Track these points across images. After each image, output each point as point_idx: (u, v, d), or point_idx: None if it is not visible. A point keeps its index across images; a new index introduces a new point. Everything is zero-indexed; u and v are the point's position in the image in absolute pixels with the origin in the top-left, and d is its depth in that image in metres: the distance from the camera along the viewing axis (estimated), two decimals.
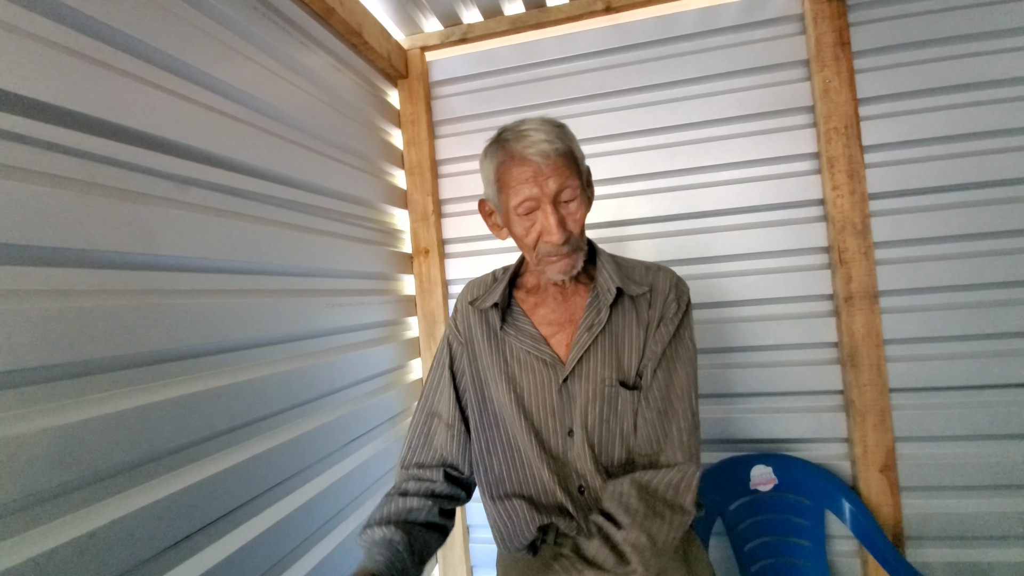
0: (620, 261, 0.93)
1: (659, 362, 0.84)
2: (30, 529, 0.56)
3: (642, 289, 0.87)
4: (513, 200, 0.79)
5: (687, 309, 0.88)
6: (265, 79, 1.03)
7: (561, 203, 0.79)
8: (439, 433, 0.92)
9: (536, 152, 0.76)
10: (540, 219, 0.79)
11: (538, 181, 0.77)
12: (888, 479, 1.33)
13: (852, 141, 1.35)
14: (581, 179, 0.81)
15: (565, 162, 0.78)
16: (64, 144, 0.63)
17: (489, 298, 0.92)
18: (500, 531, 0.88)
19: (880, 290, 1.34)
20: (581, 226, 0.82)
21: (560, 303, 0.90)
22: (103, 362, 0.65)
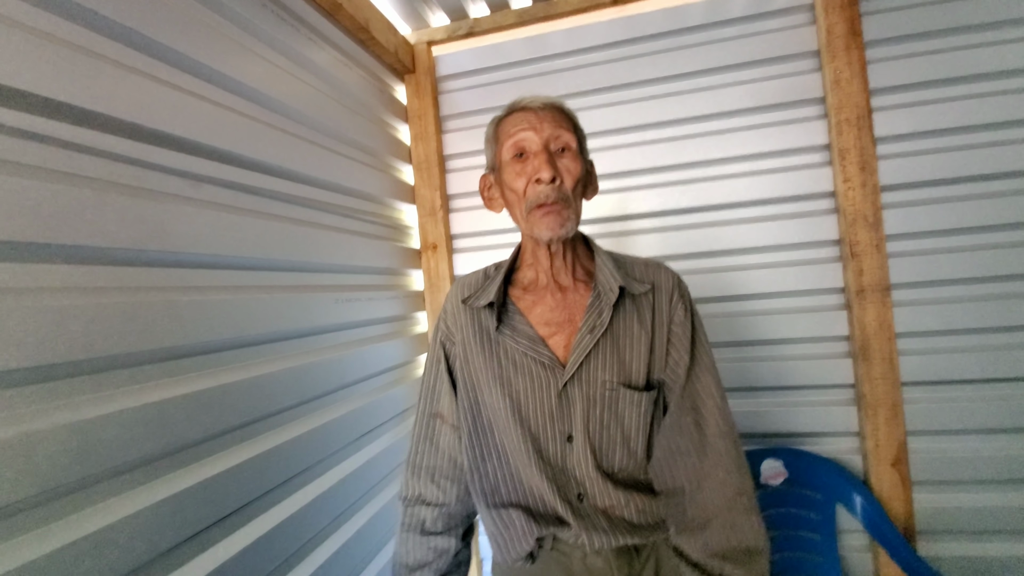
0: (618, 258, 0.90)
1: (688, 372, 0.83)
2: (49, 523, 0.57)
3: (644, 287, 0.84)
4: (507, 143, 0.82)
5: (694, 309, 0.87)
6: (274, 75, 1.04)
7: (555, 152, 0.80)
8: (444, 434, 0.90)
9: (534, 101, 0.82)
10: (531, 161, 0.80)
11: (533, 123, 0.80)
12: (900, 473, 1.32)
13: (864, 132, 1.34)
14: (578, 141, 0.83)
15: (562, 116, 0.82)
16: (79, 143, 0.63)
17: (483, 296, 0.87)
18: (496, 540, 0.84)
19: (892, 283, 1.33)
20: (574, 180, 0.80)
21: (559, 301, 0.85)
22: (120, 358, 0.65)
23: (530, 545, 0.80)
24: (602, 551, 0.79)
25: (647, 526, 0.80)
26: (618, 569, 0.79)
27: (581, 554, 0.80)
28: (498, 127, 0.85)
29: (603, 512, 0.80)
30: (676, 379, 0.83)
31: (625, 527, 0.79)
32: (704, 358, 0.85)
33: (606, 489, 0.80)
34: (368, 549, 1.19)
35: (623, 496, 0.80)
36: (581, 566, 0.80)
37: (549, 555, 0.82)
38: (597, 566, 0.79)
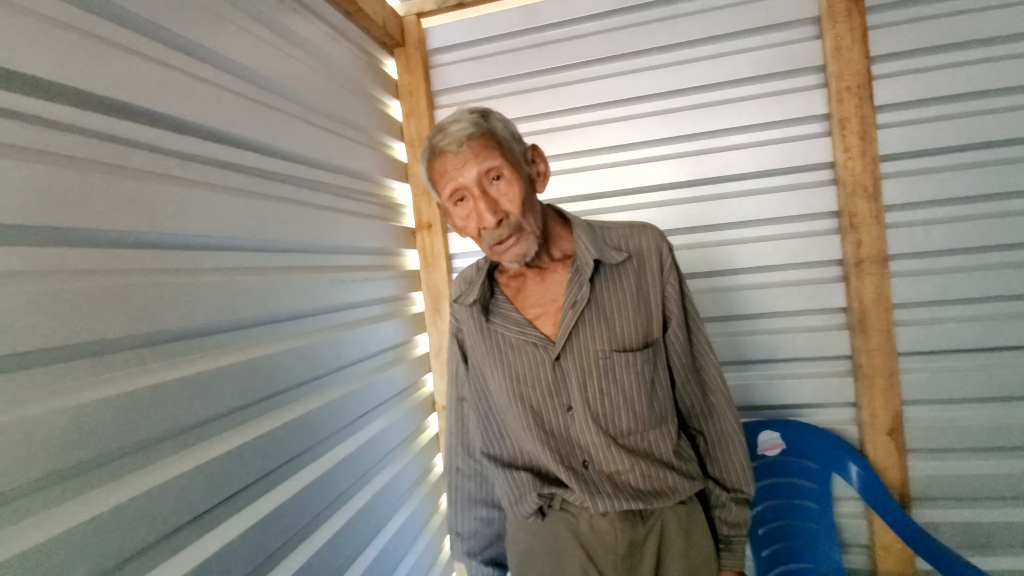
0: (597, 226, 0.91)
1: (684, 325, 0.90)
2: (49, 509, 0.56)
3: (622, 256, 0.86)
4: (443, 194, 0.81)
5: (679, 269, 0.91)
6: (260, 49, 1.00)
7: (490, 184, 0.78)
8: (472, 415, 0.99)
9: (450, 142, 0.78)
10: (471, 205, 0.79)
11: (458, 169, 0.77)
12: (895, 442, 1.34)
13: (864, 101, 1.32)
14: (508, 157, 0.79)
15: (482, 143, 0.78)
16: (62, 121, 0.61)
17: (470, 294, 0.92)
18: (508, 498, 0.91)
19: (890, 254, 1.33)
20: (519, 204, 0.78)
21: (540, 284, 0.89)
22: (114, 342, 0.64)
23: (535, 500, 0.86)
24: (608, 514, 0.83)
25: (652, 493, 0.83)
26: (622, 531, 0.83)
27: (587, 516, 0.85)
28: (428, 171, 0.83)
29: (608, 477, 0.84)
30: (677, 339, 0.89)
31: (630, 492, 0.83)
32: (694, 312, 0.93)
33: (611, 454, 0.84)
34: (370, 528, 1.20)
35: (628, 461, 0.84)
36: (587, 526, 0.85)
37: (558, 515, 0.87)
38: (602, 528, 0.84)
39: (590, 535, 0.84)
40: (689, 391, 0.92)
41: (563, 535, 0.86)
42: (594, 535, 0.84)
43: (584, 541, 0.85)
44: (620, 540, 0.83)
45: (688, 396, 0.92)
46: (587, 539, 0.85)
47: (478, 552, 1.01)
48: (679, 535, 0.85)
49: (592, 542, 0.84)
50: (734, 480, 0.91)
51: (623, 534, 0.83)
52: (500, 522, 1.02)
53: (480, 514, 1.01)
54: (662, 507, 0.85)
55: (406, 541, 1.35)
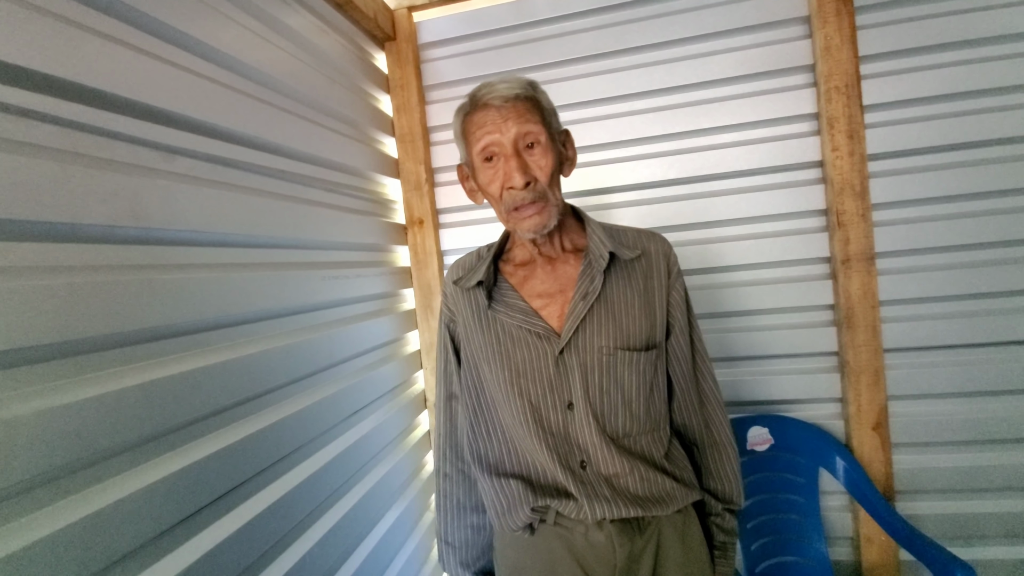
0: (609, 227, 0.91)
1: (687, 333, 0.90)
2: (34, 511, 0.55)
3: (635, 253, 0.86)
4: (475, 147, 0.79)
5: (682, 276, 0.91)
6: (248, 41, 0.98)
7: (524, 149, 0.78)
8: (461, 413, 0.95)
9: (495, 96, 0.77)
10: (502, 165, 0.78)
11: (497, 124, 0.77)
12: (880, 436, 1.36)
13: (852, 100, 1.33)
14: (548, 129, 0.80)
15: (527, 107, 0.78)
16: (39, 111, 0.59)
17: (473, 276, 0.89)
18: (495, 508, 0.87)
19: (877, 252, 1.35)
20: (548, 175, 0.79)
21: (550, 273, 0.87)
22: (99, 340, 0.62)
23: (526, 514, 0.82)
24: (604, 524, 0.80)
25: (650, 498, 0.81)
26: (620, 545, 0.79)
27: (583, 529, 0.81)
28: (464, 124, 0.82)
29: (606, 480, 0.81)
30: (679, 346, 0.88)
31: (628, 497, 0.80)
32: (695, 322, 0.92)
33: (610, 455, 0.81)
34: (362, 526, 1.19)
35: (627, 463, 0.81)
36: (583, 541, 0.81)
37: (551, 530, 0.83)
38: (599, 541, 0.80)
39: (586, 550, 0.80)
40: (687, 400, 0.91)
41: (557, 551, 0.82)
42: (591, 550, 0.80)
43: (580, 557, 0.80)
44: (619, 553, 0.79)
45: (686, 405, 0.91)
46: (583, 555, 0.80)
47: (471, 563, 0.97)
48: (676, 545, 0.82)
49: (588, 558, 0.80)
50: (728, 491, 0.91)
51: (622, 547, 0.79)
52: (491, 529, 0.97)
53: (471, 521, 0.96)
54: (659, 516, 0.82)
55: (397, 540, 1.34)
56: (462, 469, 0.97)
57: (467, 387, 0.92)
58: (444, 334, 0.96)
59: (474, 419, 0.91)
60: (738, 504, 0.92)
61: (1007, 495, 1.34)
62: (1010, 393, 1.33)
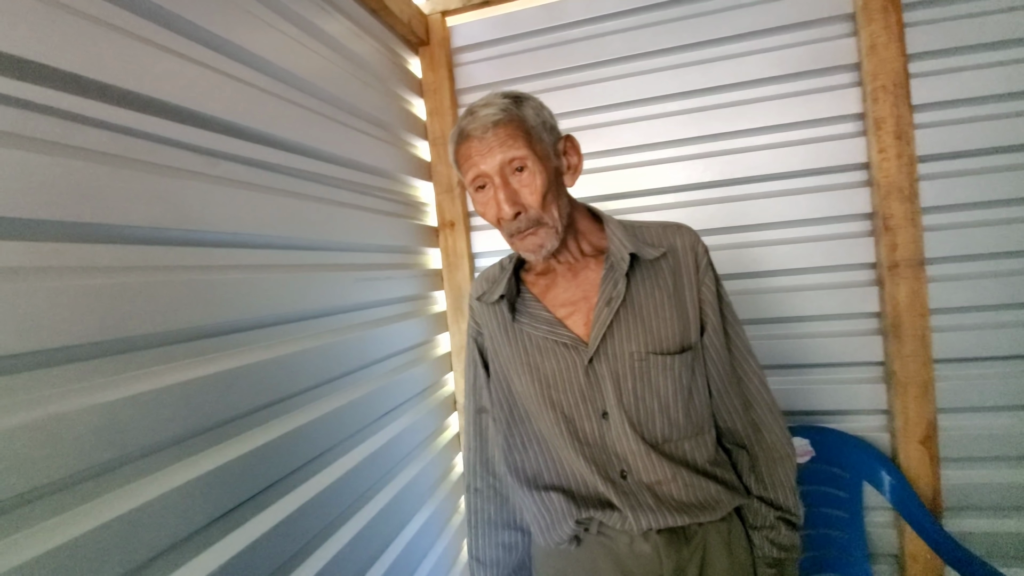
0: (630, 225, 0.88)
1: (721, 329, 0.85)
2: (81, 505, 0.56)
3: (659, 251, 0.82)
4: (466, 180, 0.79)
5: (716, 270, 0.87)
6: (287, 46, 1.00)
7: (512, 174, 0.76)
8: (491, 427, 0.93)
9: (477, 127, 0.76)
10: (492, 194, 0.77)
11: (481, 154, 0.75)
12: (928, 450, 1.30)
13: (900, 100, 1.28)
14: (535, 147, 0.76)
15: (510, 131, 0.75)
16: (93, 116, 0.61)
17: (496, 291, 0.88)
18: (538, 523, 0.84)
19: (927, 257, 1.29)
20: (540, 197, 0.76)
21: (571, 281, 0.85)
22: (143, 339, 0.64)
23: (571, 528, 0.80)
24: (650, 535, 0.77)
25: (696, 505, 0.78)
26: (666, 556, 0.77)
27: (628, 539, 0.79)
28: (455, 154, 0.81)
29: (649, 488, 0.78)
30: (714, 344, 0.84)
31: (673, 504, 0.77)
32: (733, 317, 0.87)
33: (650, 463, 0.78)
34: (393, 527, 1.19)
35: (669, 470, 0.78)
36: (628, 551, 0.79)
37: (595, 540, 0.81)
38: (645, 552, 0.78)
39: (631, 561, 0.78)
40: (728, 403, 0.85)
41: (601, 562, 0.80)
42: (636, 560, 0.78)
43: (625, 569, 0.78)
44: (666, 565, 0.77)
45: (727, 408, 0.85)
46: (628, 566, 0.78)
47: None
48: (722, 554, 0.80)
49: (634, 569, 0.78)
50: (783, 499, 0.84)
51: (668, 558, 0.77)
52: (523, 547, 0.95)
53: (502, 539, 0.94)
54: (706, 523, 0.79)
55: (427, 541, 1.34)
56: (493, 484, 0.95)
57: (498, 400, 0.91)
58: (472, 348, 0.96)
59: (508, 432, 0.90)
60: (796, 515, 0.84)
61: None
62: None
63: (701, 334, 0.84)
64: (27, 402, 0.52)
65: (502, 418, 0.90)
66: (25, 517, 0.51)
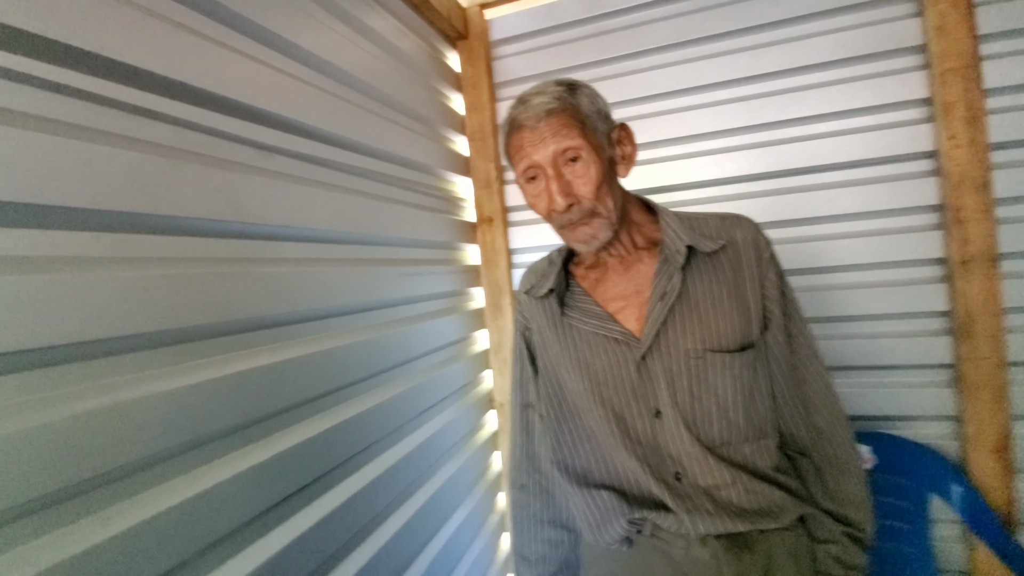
0: (687, 216, 0.84)
1: (784, 327, 0.79)
2: (142, 492, 0.57)
3: (717, 244, 0.78)
4: (518, 169, 0.76)
5: (780, 265, 0.81)
6: (334, 41, 1.00)
7: (566, 164, 0.73)
8: (538, 422, 0.92)
9: (530, 116, 0.73)
10: (544, 185, 0.74)
11: (534, 144, 0.73)
12: (1002, 460, 1.21)
13: (971, 84, 1.19)
14: (590, 137, 0.73)
15: (563, 120, 0.72)
16: (156, 110, 0.62)
17: (544, 285, 0.86)
18: (588, 521, 0.82)
19: (1001, 252, 1.20)
20: (593, 188, 0.73)
21: (622, 274, 0.82)
22: (201, 329, 0.65)
23: (623, 528, 0.77)
24: (708, 540, 0.73)
25: (758, 511, 0.74)
26: (727, 564, 0.72)
27: (684, 543, 0.75)
28: (506, 145, 0.79)
29: (706, 492, 0.75)
30: (777, 342, 0.79)
31: (733, 510, 0.73)
32: (797, 315, 0.82)
33: (707, 466, 0.74)
34: (433, 523, 1.19)
35: (728, 474, 0.74)
36: (684, 556, 0.75)
37: (648, 542, 0.78)
38: (703, 558, 0.74)
39: (688, 567, 0.74)
40: (791, 406, 0.81)
41: (656, 566, 0.76)
42: (693, 566, 0.74)
43: (681, 573, 0.75)
44: (725, 572, 0.72)
45: (789, 412, 0.81)
46: (685, 570, 0.75)
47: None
48: (788, 563, 0.75)
49: (690, 573, 0.74)
50: (850, 514, 0.78)
51: (728, 566, 0.72)
52: (569, 544, 0.92)
53: (548, 535, 0.92)
54: (769, 532, 0.75)
55: (466, 538, 1.33)
56: (539, 481, 0.93)
57: (547, 396, 0.89)
58: (520, 343, 0.94)
59: (557, 428, 0.88)
60: (866, 531, 0.78)
61: None
62: None
63: (763, 332, 0.79)
64: (96, 388, 0.53)
65: (551, 414, 0.88)
66: (95, 501, 0.52)
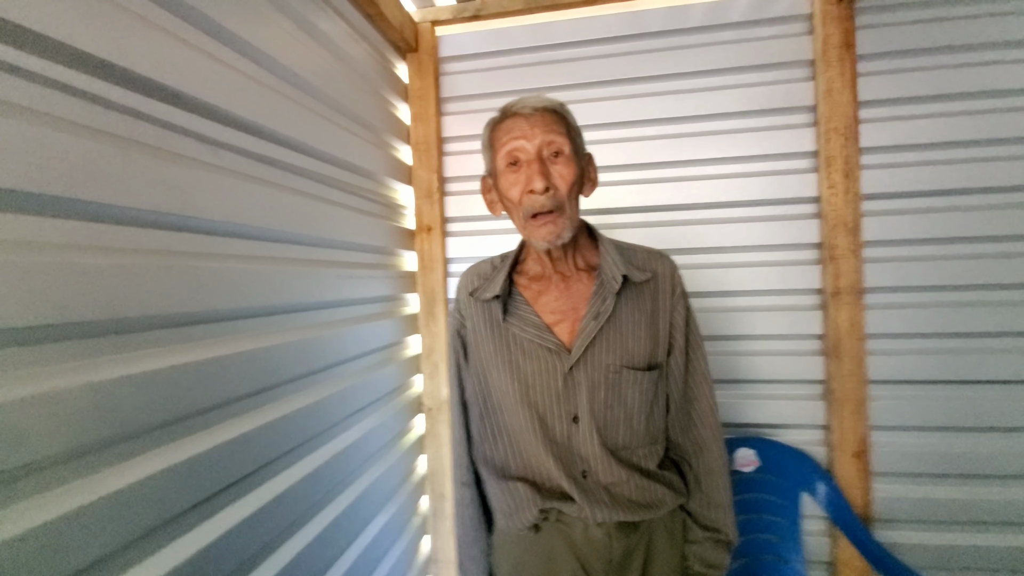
0: (621, 246, 0.95)
1: (684, 353, 0.91)
2: (71, 482, 0.57)
3: (645, 276, 0.89)
4: (501, 152, 0.83)
5: (688, 300, 0.93)
6: (285, 42, 1.02)
7: (548, 157, 0.81)
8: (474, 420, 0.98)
9: (525, 107, 0.82)
10: (524, 170, 0.81)
11: (524, 130, 0.81)
12: (861, 464, 1.41)
13: (850, 142, 1.41)
14: (572, 143, 0.83)
15: (555, 119, 0.82)
16: (106, 97, 0.62)
17: (489, 289, 0.92)
18: (503, 509, 0.90)
19: (866, 286, 1.41)
20: (568, 185, 0.82)
21: (564, 291, 0.90)
22: (140, 320, 0.65)
23: (534, 516, 0.86)
24: (603, 524, 0.85)
25: (645, 504, 0.86)
26: (616, 540, 0.85)
27: (583, 526, 0.86)
28: (492, 133, 0.86)
29: (605, 488, 0.86)
30: (677, 366, 0.91)
31: (626, 503, 0.85)
32: (696, 342, 0.94)
33: (609, 466, 0.85)
34: (356, 526, 1.20)
35: (624, 473, 0.85)
36: (583, 537, 0.86)
37: (553, 527, 0.87)
38: (597, 537, 0.85)
39: (585, 545, 0.85)
40: (679, 420, 0.93)
41: (557, 546, 0.87)
42: (588, 544, 0.85)
43: (578, 551, 0.86)
44: (615, 548, 0.85)
45: (679, 425, 0.93)
46: (581, 549, 0.86)
47: None
48: (665, 541, 0.89)
49: (586, 551, 0.85)
50: (713, 518, 0.91)
51: (618, 542, 0.85)
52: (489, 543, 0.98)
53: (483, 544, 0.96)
54: (652, 519, 0.87)
55: (387, 540, 1.35)
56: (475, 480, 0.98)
57: (474, 391, 0.95)
58: (455, 341, 0.98)
59: (480, 423, 0.94)
60: (727, 535, 0.91)
61: (981, 529, 1.39)
62: (986, 431, 1.39)
63: (668, 356, 0.92)
64: (28, 376, 0.52)
65: (476, 409, 0.95)
66: (17, 491, 0.51)
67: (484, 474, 0.93)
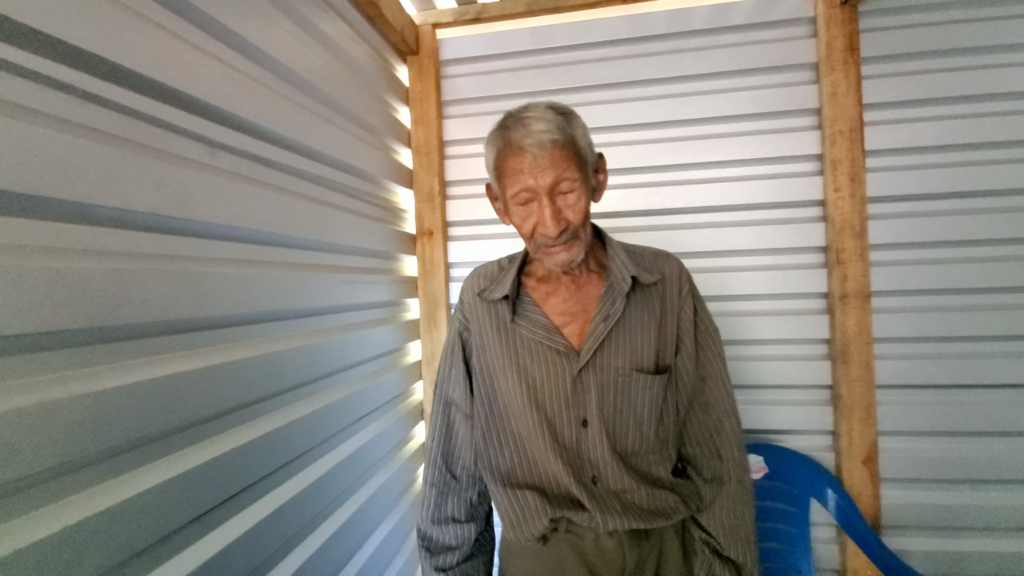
0: (630, 248, 0.93)
1: (694, 356, 0.88)
2: (65, 497, 0.54)
3: (654, 278, 0.87)
4: (510, 190, 0.78)
5: (699, 301, 0.91)
6: (287, 43, 1.00)
7: (559, 194, 0.77)
8: (459, 423, 0.94)
9: (533, 143, 0.74)
10: (536, 210, 0.77)
11: (533, 172, 0.75)
12: (870, 470, 1.40)
13: (855, 145, 1.40)
14: (583, 170, 0.78)
15: (564, 153, 0.75)
16: (101, 95, 0.59)
17: (497, 289, 0.90)
18: (510, 518, 0.86)
19: (873, 290, 1.40)
20: (582, 216, 0.79)
21: (573, 292, 0.88)
22: (137, 327, 0.62)
23: (543, 526, 0.83)
24: (614, 533, 0.83)
25: (656, 512, 0.83)
26: (629, 550, 0.83)
27: (593, 536, 0.84)
28: (497, 161, 0.80)
29: (616, 495, 0.83)
30: (686, 368, 0.88)
31: (637, 511, 0.82)
32: (710, 344, 0.90)
33: (619, 473, 0.83)
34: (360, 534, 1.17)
35: (635, 481, 0.83)
36: (594, 547, 0.83)
37: (562, 537, 0.85)
38: (609, 548, 0.83)
39: (596, 555, 0.83)
40: (694, 422, 0.89)
41: (567, 557, 0.84)
42: (600, 555, 0.83)
43: (589, 562, 0.83)
44: (628, 558, 0.82)
45: (693, 429, 0.90)
46: (592, 559, 0.83)
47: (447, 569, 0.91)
48: (677, 549, 0.87)
49: (597, 562, 0.83)
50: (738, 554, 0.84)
51: (631, 552, 0.83)
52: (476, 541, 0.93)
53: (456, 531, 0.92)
54: (663, 528, 0.85)
55: (390, 551, 1.32)
56: (448, 482, 0.93)
57: (478, 397, 0.92)
58: (456, 341, 0.94)
59: (486, 428, 0.91)
60: (750, 572, 0.85)
61: (991, 535, 1.38)
62: (996, 435, 1.37)
63: (675, 357, 0.88)
64: (23, 386, 0.50)
65: (480, 414, 0.91)
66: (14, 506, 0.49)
67: (489, 482, 0.90)
